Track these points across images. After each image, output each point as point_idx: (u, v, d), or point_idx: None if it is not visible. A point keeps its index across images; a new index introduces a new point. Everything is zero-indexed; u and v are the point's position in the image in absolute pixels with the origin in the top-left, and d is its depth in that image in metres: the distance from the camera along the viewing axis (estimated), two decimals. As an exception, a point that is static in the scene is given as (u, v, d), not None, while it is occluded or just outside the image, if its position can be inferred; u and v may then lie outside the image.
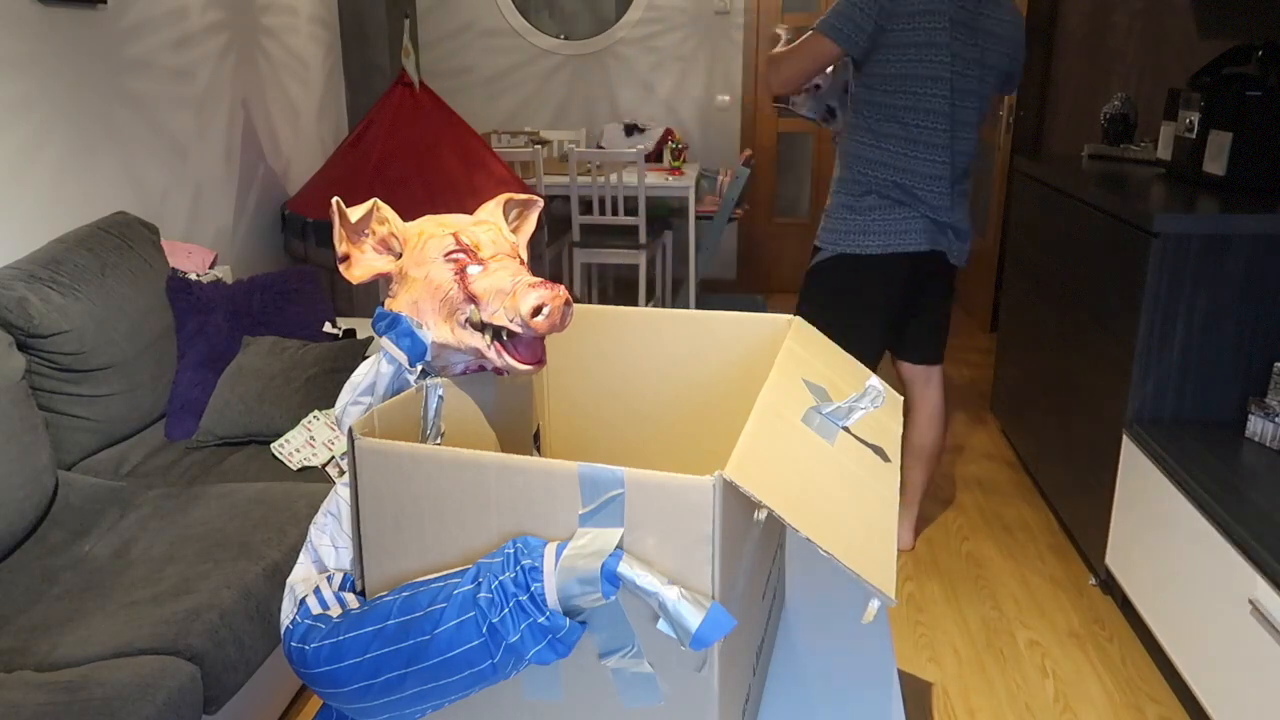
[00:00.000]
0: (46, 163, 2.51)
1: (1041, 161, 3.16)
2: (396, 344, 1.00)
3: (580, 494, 0.84)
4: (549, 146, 5.10)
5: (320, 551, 1.00)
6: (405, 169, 3.43)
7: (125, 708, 1.45)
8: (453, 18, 5.36)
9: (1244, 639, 1.77)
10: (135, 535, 1.94)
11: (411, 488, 0.90)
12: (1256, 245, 2.17)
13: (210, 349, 2.51)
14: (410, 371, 1.01)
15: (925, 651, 2.32)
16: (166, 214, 3.06)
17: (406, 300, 1.02)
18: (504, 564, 0.85)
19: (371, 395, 1.00)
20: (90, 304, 2.24)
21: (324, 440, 2.31)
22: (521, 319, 0.95)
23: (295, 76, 3.96)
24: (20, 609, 1.74)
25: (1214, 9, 3.05)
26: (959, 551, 2.78)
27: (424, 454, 0.90)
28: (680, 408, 1.31)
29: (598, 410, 1.30)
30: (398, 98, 3.57)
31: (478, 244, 1.02)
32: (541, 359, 1.01)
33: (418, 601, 0.87)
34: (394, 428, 0.96)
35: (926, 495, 3.10)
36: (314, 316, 2.73)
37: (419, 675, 0.85)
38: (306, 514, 2.01)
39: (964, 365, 4.38)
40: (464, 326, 0.99)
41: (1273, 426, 2.14)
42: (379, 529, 0.93)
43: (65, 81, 2.57)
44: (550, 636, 0.83)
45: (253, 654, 1.74)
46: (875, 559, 0.86)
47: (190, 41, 3.17)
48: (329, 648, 0.89)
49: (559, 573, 0.83)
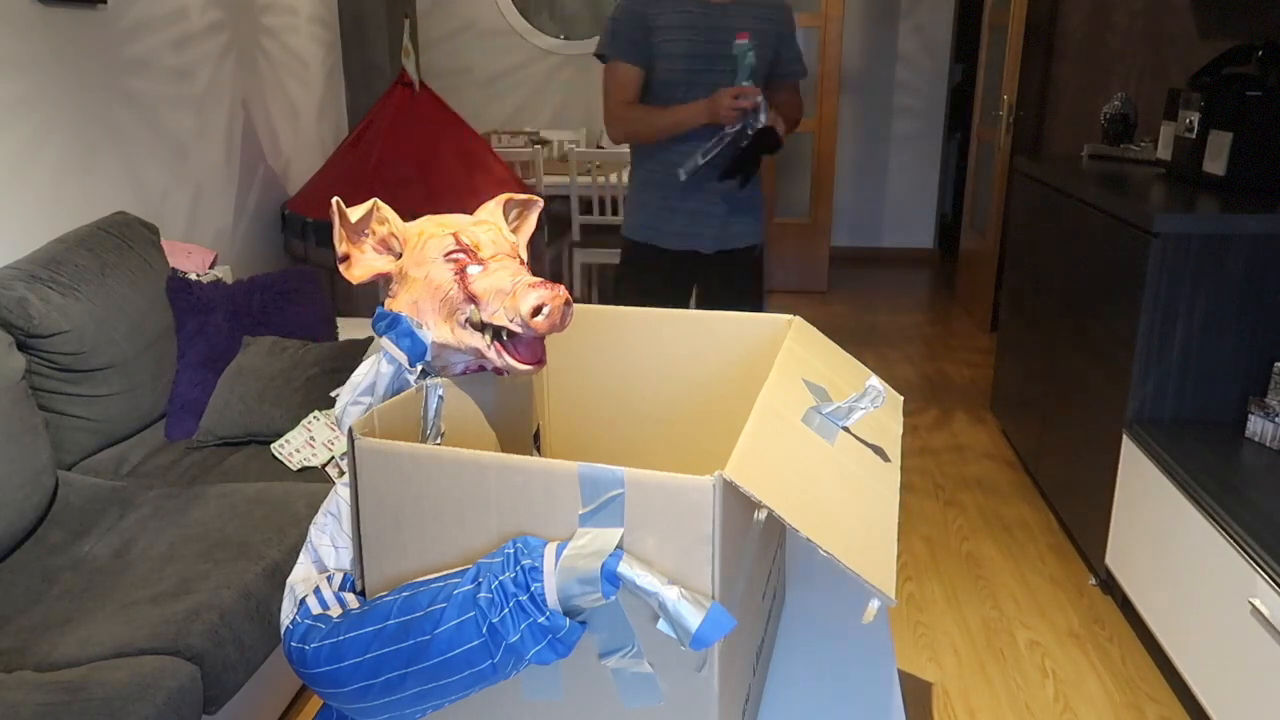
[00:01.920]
0: (46, 163, 2.51)
1: (1041, 161, 3.16)
2: (396, 344, 1.00)
3: (580, 494, 0.84)
4: (549, 146, 5.10)
5: (320, 551, 1.00)
6: (405, 169, 3.43)
7: (125, 708, 1.45)
8: (453, 18, 5.36)
9: (1244, 639, 1.77)
10: (135, 535, 1.94)
11: (411, 488, 0.90)
12: (1256, 245, 2.17)
13: (210, 349, 2.51)
14: (410, 371, 1.01)
15: (925, 651, 2.32)
16: (166, 214, 3.06)
17: (406, 300, 1.02)
18: (504, 564, 0.85)
19: (371, 395, 1.00)
20: (90, 304, 2.24)
21: (324, 440, 2.31)
22: (521, 319, 0.95)
23: (295, 76, 3.96)
24: (20, 609, 1.74)
25: (1214, 9, 3.05)
26: (959, 551, 2.78)
27: (424, 454, 0.90)
28: (680, 408, 1.31)
29: (598, 410, 1.30)
30: (398, 98, 3.57)
31: (478, 244, 1.02)
32: (541, 359, 1.01)
33: (418, 601, 0.87)
34: (394, 428, 0.96)
35: (927, 494, 3.10)
36: (314, 316, 2.73)
37: (419, 675, 0.85)
38: (306, 514, 2.01)
39: (964, 365, 4.38)
40: (464, 326, 0.99)
41: (1273, 426, 2.14)
42: (379, 529, 0.93)
43: (65, 81, 2.57)
44: (550, 636, 0.83)
45: (253, 654, 1.74)
46: (875, 559, 0.86)
47: (190, 41, 3.17)
48: (329, 648, 0.89)
49: (559, 573, 0.83)
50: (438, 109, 3.63)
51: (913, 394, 4.01)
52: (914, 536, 2.86)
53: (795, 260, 5.62)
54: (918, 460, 3.37)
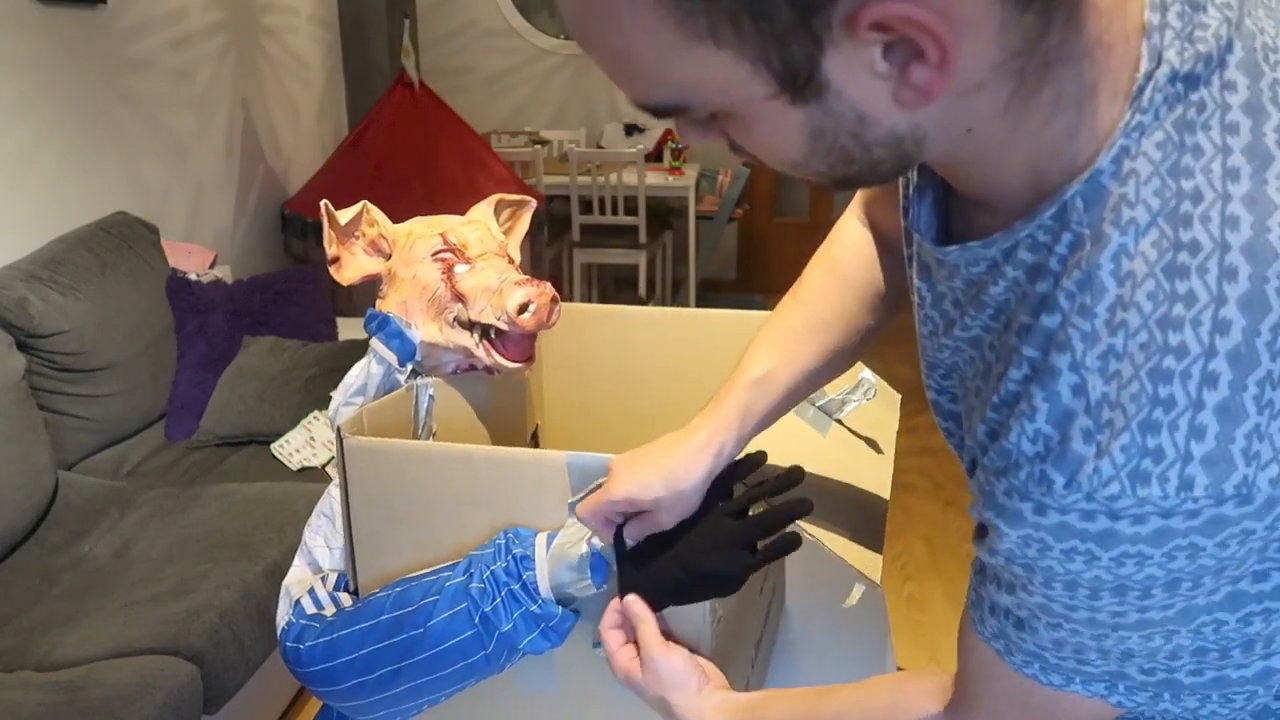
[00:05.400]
0: (46, 163, 2.51)
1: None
2: (386, 345, 1.00)
3: (569, 482, 0.84)
4: (549, 146, 5.10)
5: (315, 552, 1.00)
6: (405, 169, 3.43)
7: (125, 708, 1.45)
8: (453, 18, 5.36)
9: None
10: (135, 535, 1.94)
11: (401, 484, 0.90)
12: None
13: (210, 349, 2.51)
14: (400, 371, 1.01)
15: (925, 651, 2.32)
16: (166, 214, 3.06)
17: (395, 300, 1.02)
18: (495, 554, 0.85)
19: (363, 396, 1.00)
20: (90, 304, 2.24)
21: (324, 440, 2.32)
22: (508, 316, 0.95)
23: (295, 76, 3.97)
24: (20, 609, 1.75)
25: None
26: (959, 551, 2.78)
27: (413, 450, 0.90)
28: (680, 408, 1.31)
29: (597, 410, 1.31)
30: (398, 98, 3.57)
31: (465, 243, 1.02)
32: (531, 356, 1.01)
33: (410, 596, 0.87)
34: (384, 427, 0.96)
35: (927, 494, 3.10)
36: (314, 316, 2.73)
37: (413, 669, 0.86)
38: (306, 514, 2.00)
39: (964, 364, 4.38)
40: (452, 325, 1.00)
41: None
42: (370, 527, 0.93)
43: (65, 81, 2.58)
44: (543, 625, 0.84)
45: (253, 654, 1.74)
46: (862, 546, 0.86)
47: (190, 41, 3.18)
48: (323, 646, 0.89)
49: (550, 559, 0.84)
50: (438, 109, 3.63)
51: (913, 394, 3.99)
52: (914, 536, 2.86)
53: (795, 260, 5.61)
54: (918, 460, 3.37)
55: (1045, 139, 0.49)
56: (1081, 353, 0.48)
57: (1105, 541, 0.48)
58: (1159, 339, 0.46)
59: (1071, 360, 0.48)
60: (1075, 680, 0.56)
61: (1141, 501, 0.46)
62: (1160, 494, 0.46)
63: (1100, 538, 0.48)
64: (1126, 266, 0.47)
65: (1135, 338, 0.46)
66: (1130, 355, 0.46)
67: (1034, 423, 0.49)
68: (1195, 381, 0.45)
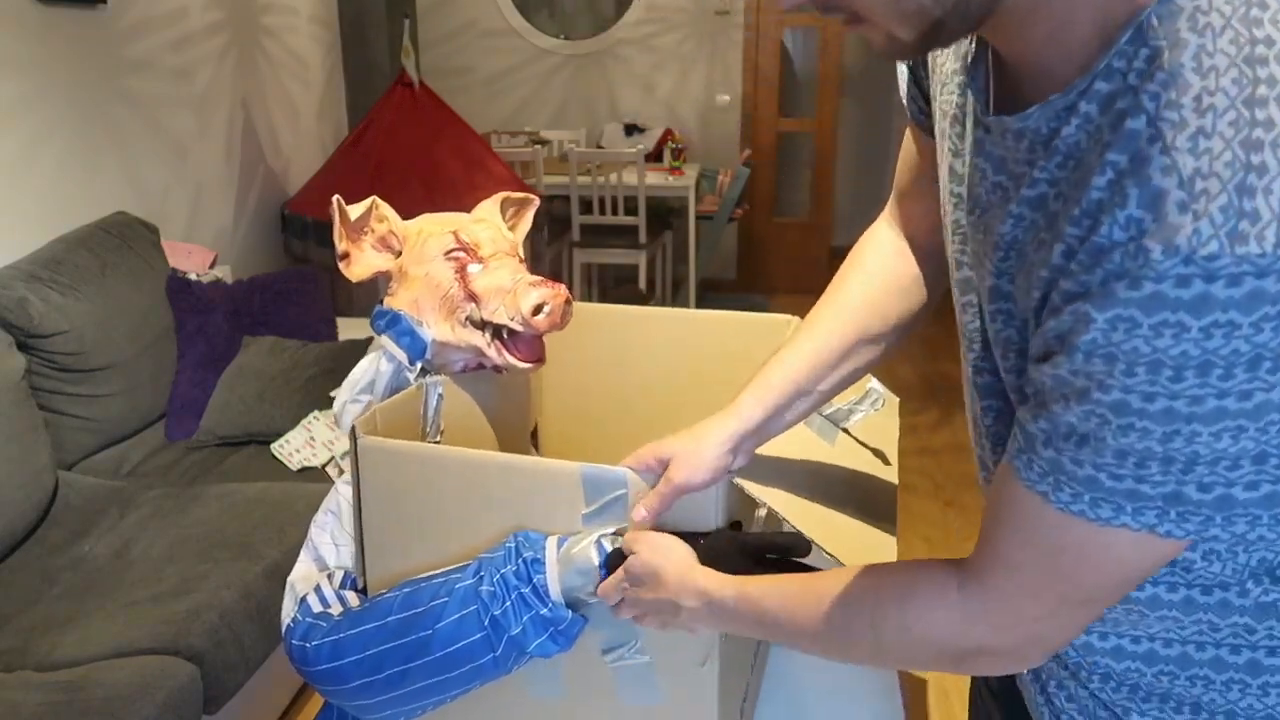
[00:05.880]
0: (46, 163, 2.51)
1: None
2: (396, 342, 1.00)
3: (583, 494, 0.84)
4: (549, 146, 5.10)
5: (321, 549, 1.00)
6: (405, 169, 3.43)
7: (125, 708, 1.45)
8: (453, 18, 5.36)
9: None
10: (135, 535, 1.94)
11: (414, 487, 0.90)
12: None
13: (210, 349, 2.51)
14: (410, 369, 1.01)
15: (925, 651, 2.32)
16: (166, 214, 3.06)
17: (406, 298, 1.02)
18: (506, 557, 0.85)
19: (370, 393, 1.00)
20: (90, 304, 2.24)
21: (324, 440, 2.32)
22: (522, 317, 0.95)
23: (295, 76, 3.96)
24: (20, 609, 1.74)
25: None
26: (959, 551, 2.77)
27: (427, 454, 0.90)
28: (680, 408, 1.31)
29: (597, 409, 1.30)
30: (398, 98, 3.57)
31: (477, 242, 1.02)
32: (541, 357, 1.01)
33: (419, 597, 0.87)
34: (394, 425, 0.96)
35: (927, 494, 3.10)
36: (314, 316, 2.73)
37: (421, 670, 0.86)
38: (306, 514, 2.00)
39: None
40: (464, 324, 1.00)
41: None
42: (381, 527, 0.93)
43: (65, 81, 2.57)
44: (552, 629, 0.84)
45: (253, 654, 1.74)
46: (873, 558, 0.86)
47: (190, 41, 3.18)
48: (330, 645, 0.89)
49: (560, 563, 0.83)
50: (438, 109, 3.63)
51: (913, 394, 4.00)
52: (914, 536, 2.86)
53: (795, 260, 5.62)
54: (918, 460, 3.37)
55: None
56: (1171, 138, 0.50)
57: (1198, 309, 0.49)
58: (1246, 115, 0.49)
59: (1162, 146, 0.50)
60: (1126, 510, 0.55)
61: (1239, 260, 0.48)
62: (1258, 251, 0.48)
63: (1193, 305, 0.49)
64: (1208, 63, 0.50)
65: (1224, 117, 0.49)
66: (1220, 132, 0.49)
67: (1125, 209, 0.51)
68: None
